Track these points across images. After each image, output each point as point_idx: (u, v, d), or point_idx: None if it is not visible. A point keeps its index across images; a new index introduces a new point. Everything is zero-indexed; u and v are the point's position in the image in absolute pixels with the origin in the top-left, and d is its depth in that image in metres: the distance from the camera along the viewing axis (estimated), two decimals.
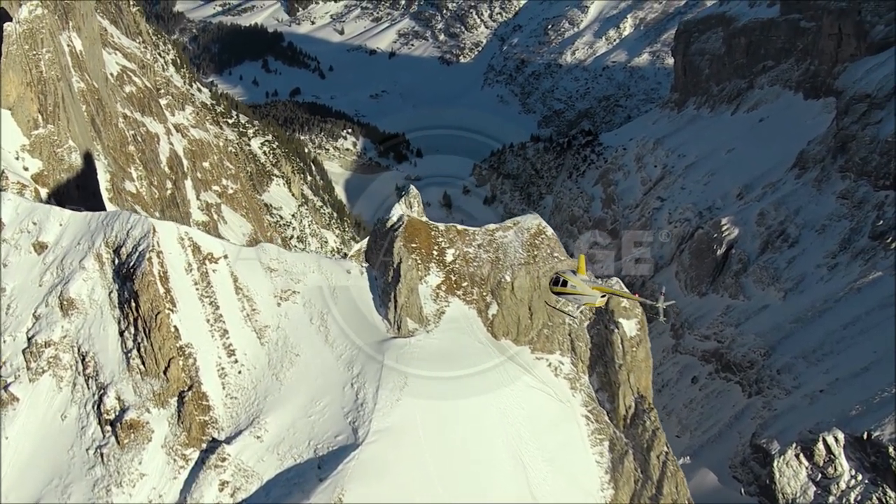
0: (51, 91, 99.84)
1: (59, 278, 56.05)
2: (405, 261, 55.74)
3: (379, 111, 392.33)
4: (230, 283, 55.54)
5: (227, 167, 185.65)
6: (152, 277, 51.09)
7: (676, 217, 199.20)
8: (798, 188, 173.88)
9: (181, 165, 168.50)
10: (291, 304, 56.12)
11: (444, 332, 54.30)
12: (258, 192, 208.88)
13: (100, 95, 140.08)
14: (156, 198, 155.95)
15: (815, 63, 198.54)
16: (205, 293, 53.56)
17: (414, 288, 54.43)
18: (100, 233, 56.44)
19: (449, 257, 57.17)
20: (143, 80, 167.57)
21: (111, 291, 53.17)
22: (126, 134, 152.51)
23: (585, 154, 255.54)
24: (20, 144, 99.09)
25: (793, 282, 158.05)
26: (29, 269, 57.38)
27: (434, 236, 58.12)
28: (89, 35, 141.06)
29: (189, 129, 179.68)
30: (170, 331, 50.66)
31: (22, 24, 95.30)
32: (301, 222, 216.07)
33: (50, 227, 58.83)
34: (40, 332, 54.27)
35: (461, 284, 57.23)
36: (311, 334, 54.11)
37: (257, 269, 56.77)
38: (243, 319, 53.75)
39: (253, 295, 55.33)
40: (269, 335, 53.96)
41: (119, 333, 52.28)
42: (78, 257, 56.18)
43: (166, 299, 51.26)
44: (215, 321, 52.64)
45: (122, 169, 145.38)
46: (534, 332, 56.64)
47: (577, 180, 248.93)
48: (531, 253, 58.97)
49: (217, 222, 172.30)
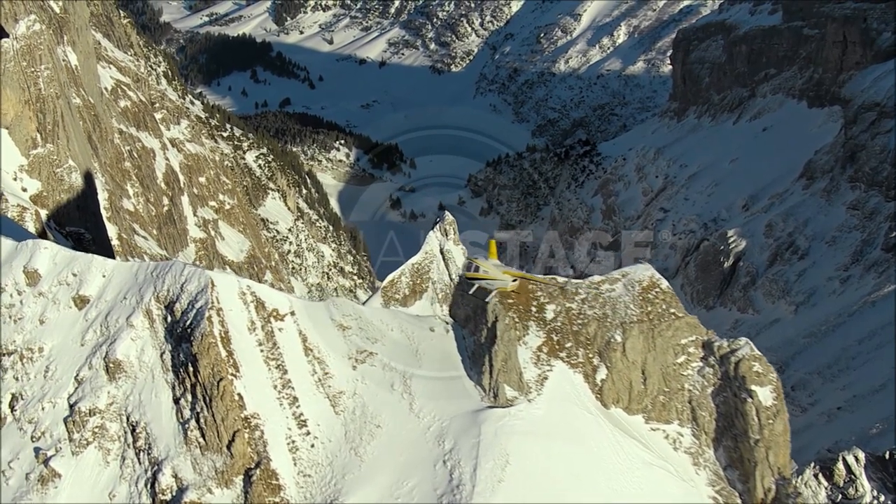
0: (50, 109, 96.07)
1: (103, 337, 49.24)
2: (501, 319, 47.95)
3: (370, 121, 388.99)
4: (298, 343, 48.32)
5: (224, 182, 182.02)
6: (213, 339, 44.48)
7: (681, 228, 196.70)
8: (806, 199, 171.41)
9: (177, 181, 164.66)
10: (369, 367, 48.90)
11: (548, 401, 47.23)
12: (254, 206, 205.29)
13: (96, 111, 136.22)
14: (153, 215, 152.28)
15: (820, 71, 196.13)
16: (271, 355, 47.13)
17: (512, 350, 47.71)
18: (149, 286, 49.71)
19: (549, 314, 49.75)
20: (137, 95, 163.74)
21: (163, 353, 47.06)
22: (122, 150, 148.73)
23: (584, 164, 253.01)
24: (18, 164, 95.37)
25: (804, 295, 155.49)
26: (69, 327, 50.70)
27: (532, 290, 51.16)
28: (84, 49, 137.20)
29: (185, 144, 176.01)
30: (233, 399, 43.80)
31: (19, 41, 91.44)
32: (298, 236, 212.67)
33: (92, 278, 51.61)
34: (84, 398, 47.07)
35: (565, 345, 50.03)
36: (394, 402, 47.18)
37: (328, 327, 49.89)
38: (315, 385, 47.20)
39: (325, 357, 48.33)
40: (345, 403, 47.09)
41: (174, 401, 45.94)
42: (124, 313, 49.26)
43: (229, 363, 44.72)
44: (283, 387, 46.39)
45: (119, 186, 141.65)
46: (648, 399, 49.21)
47: (576, 191, 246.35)
48: (644, 309, 51.12)
49: (215, 239, 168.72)
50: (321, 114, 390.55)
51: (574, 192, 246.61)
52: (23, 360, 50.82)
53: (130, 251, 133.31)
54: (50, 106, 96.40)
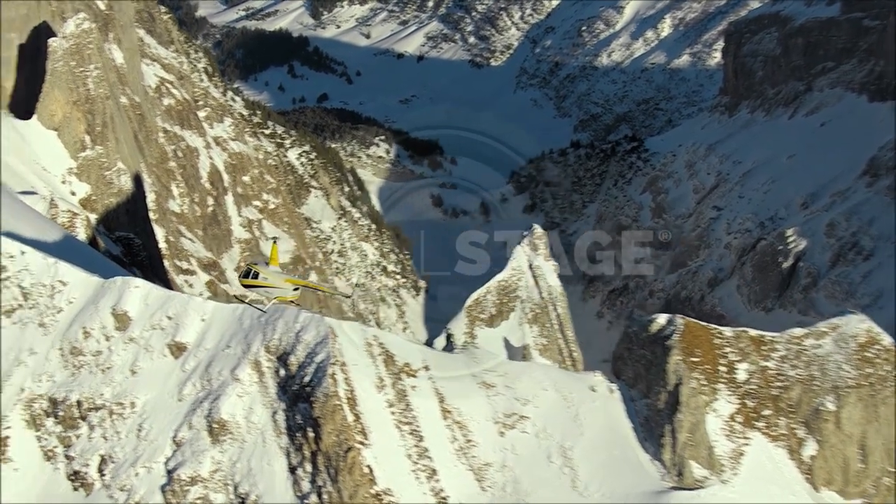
0: (99, 110, 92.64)
1: (204, 392, 44.12)
2: (686, 382, 42.09)
3: (409, 116, 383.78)
4: (435, 404, 42.82)
5: (268, 181, 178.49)
6: (338, 400, 37.87)
7: (735, 227, 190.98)
8: (870, 197, 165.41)
9: (221, 181, 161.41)
10: (520, 435, 42.24)
11: (745, 483, 39.95)
12: (297, 205, 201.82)
13: (141, 111, 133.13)
14: (198, 216, 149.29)
15: (881, 63, 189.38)
16: (403, 419, 40.40)
17: (700, 420, 40.29)
18: (257, 333, 42.88)
19: (742, 374, 42.14)
20: (181, 92, 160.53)
21: (276, 412, 39.90)
22: (166, 150, 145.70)
23: (631, 161, 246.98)
24: (67, 167, 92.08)
25: (870, 297, 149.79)
26: (165, 379, 45.09)
27: (719, 345, 43.04)
28: (129, 47, 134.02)
29: (228, 143, 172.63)
30: (363, 473, 37.20)
31: (68, 40, 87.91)
32: (341, 235, 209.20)
33: (189, 322, 45.85)
34: (184, 463, 42.09)
35: (762, 413, 41.75)
36: (552, 477, 39.79)
37: (469, 384, 42.54)
38: (456, 455, 40.35)
39: (466, 421, 41.23)
40: (493, 477, 39.88)
41: (289, 470, 39.12)
42: (229, 365, 43.96)
43: (356, 429, 38.18)
44: (419, 457, 39.79)
45: (164, 187, 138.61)
46: (869, 481, 41.82)
47: (623, 188, 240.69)
48: (862, 371, 42.99)
49: (259, 239, 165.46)
50: (360, 109, 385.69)
51: (621, 189, 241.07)
52: (112, 416, 44.80)
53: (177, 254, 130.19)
54: (99, 107, 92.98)
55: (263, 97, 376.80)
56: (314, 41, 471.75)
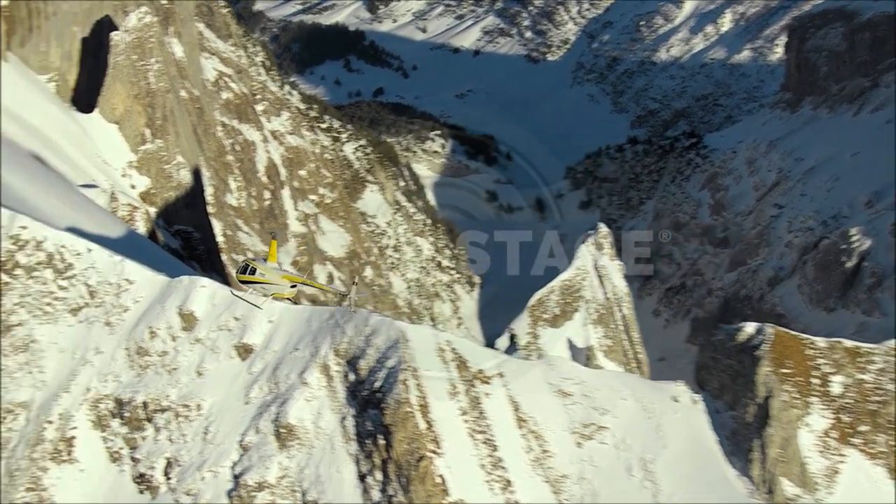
0: (159, 103, 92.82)
1: (272, 395, 43.17)
2: (777, 394, 40.28)
3: (465, 111, 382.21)
4: (510, 412, 41.53)
5: (324, 175, 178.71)
6: (410, 407, 36.75)
7: (797, 226, 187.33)
8: None
9: (278, 174, 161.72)
10: (598, 446, 41.95)
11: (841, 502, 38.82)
12: (353, 199, 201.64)
13: (200, 104, 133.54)
14: (254, 210, 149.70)
15: None
16: (477, 427, 39.22)
17: (792, 435, 38.78)
18: (325, 336, 42.70)
19: (836, 388, 40.20)
20: (239, 86, 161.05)
21: (344, 418, 38.76)
22: (224, 143, 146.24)
23: (690, 157, 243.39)
24: (127, 161, 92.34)
25: None
26: (231, 381, 44.06)
27: (811, 356, 40.91)
28: (189, 41, 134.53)
29: (285, 136, 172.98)
30: (435, 483, 36.04)
31: (130, 33, 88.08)
32: (396, 230, 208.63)
33: (256, 324, 44.93)
34: (250, 468, 41.09)
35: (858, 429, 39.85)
36: (632, 491, 38.15)
37: (545, 392, 41.23)
38: (531, 465, 39.14)
39: (542, 430, 39.78)
40: (570, 489, 38.31)
41: (359, 477, 37.99)
42: (296, 368, 42.95)
43: (428, 438, 37.09)
44: (494, 468, 38.56)
45: (222, 181, 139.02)
46: None
47: (681, 184, 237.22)
48: None
49: (315, 234, 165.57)
50: (415, 103, 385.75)
51: (679, 186, 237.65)
52: (178, 418, 44.10)
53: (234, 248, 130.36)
54: (160, 100, 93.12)
55: (319, 91, 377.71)
56: (370, 35, 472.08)
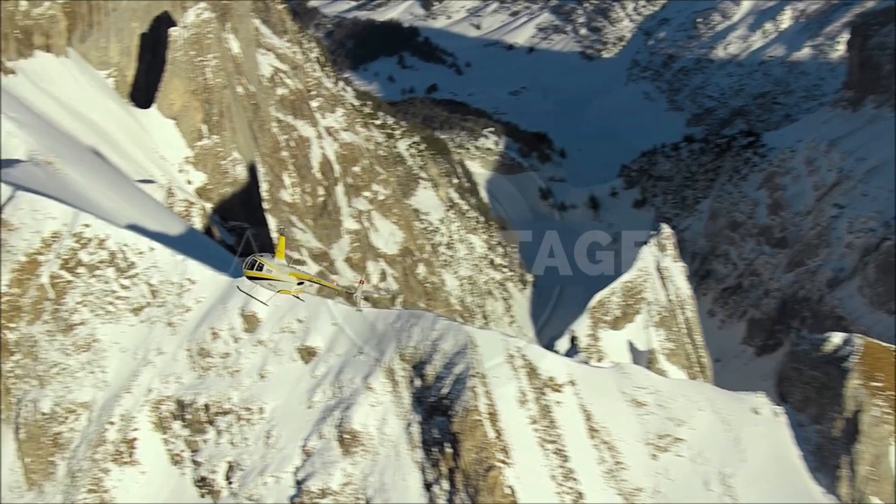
0: (216, 99, 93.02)
1: (335, 400, 42.24)
2: (867, 409, 38.59)
3: (519, 108, 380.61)
4: (581, 422, 40.43)
5: (378, 172, 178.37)
6: (478, 415, 35.52)
7: (858, 227, 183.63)
8: None
9: (332, 171, 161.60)
10: (674, 458, 40.64)
11: None
12: (406, 196, 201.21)
13: (256, 100, 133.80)
14: (309, 206, 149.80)
15: None
16: (547, 437, 37.94)
17: (884, 452, 37.22)
18: (390, 340, 41.75)
19: None
20: (294, 82, 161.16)
21: (410, 424, 37.53)
22: (279, 139, 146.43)
23: (747, 156, 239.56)
24: (184, 156, 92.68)
25: None
26: (294, 384, 43.17)
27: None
28: (245, 36, 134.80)
29: (339, 133, 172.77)
30: (504, 494, 34.82)
31: (189, 29, 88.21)
32: (449, 227, 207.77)
33: (320, 326, 44.16)
34: (313, 474, 40.06)
35: None
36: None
37: (617, 401, 39.51)
38: (603, 477, 37.62)
39: (615, 441, 39.93)
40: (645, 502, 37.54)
41: (425, 486, 36.97)
42: (361, 372, 42.25)
43: (497, 447, 35.82)
44: (565, 479, 37.16)
45: (276, 177, 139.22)
46: None
47: (737, 184, 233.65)
48: None
49: (368, 231, 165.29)
50: (469, 100, 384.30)
51: (736, 186, 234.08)
52: (240, 421, 43.33)
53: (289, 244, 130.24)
54: (217, 96, 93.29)
55: (373, 87, 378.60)
56: (424, 32, 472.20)
